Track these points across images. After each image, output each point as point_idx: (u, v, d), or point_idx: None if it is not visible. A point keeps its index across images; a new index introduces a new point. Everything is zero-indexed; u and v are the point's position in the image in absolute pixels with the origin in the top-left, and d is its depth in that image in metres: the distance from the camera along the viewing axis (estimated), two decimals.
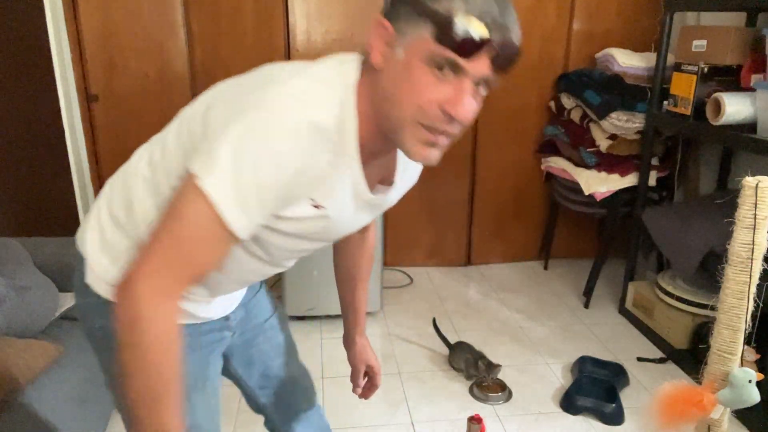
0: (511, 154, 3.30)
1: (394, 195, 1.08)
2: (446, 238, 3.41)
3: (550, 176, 3.26)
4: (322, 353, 2.55)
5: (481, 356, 2.36)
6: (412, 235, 3.38)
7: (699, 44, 2.41)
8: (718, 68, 2.31)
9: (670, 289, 2.53)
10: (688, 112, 2.38)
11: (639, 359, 2.52)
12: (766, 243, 1.21)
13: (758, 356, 2.06)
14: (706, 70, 2.31)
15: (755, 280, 1.24)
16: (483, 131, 3.23)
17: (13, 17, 2.75)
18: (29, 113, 2.77)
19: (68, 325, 1.86)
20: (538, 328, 2.78)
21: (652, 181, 2.79)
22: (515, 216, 3.43)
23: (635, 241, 2.83)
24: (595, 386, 2.25)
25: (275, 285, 3.17)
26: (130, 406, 0.84)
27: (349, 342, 1.43)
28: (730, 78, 2.32)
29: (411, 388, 2.32)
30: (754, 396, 1.26)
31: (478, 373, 2.31)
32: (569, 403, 2.20)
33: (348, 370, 2.42)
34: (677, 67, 2.44)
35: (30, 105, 2.75)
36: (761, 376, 1.27)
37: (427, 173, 3.57)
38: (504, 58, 0.82)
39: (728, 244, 1.24)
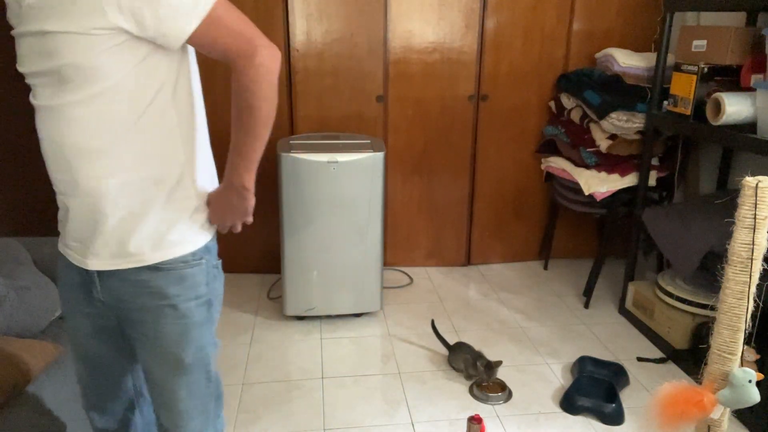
0: (511, 154, 3.30)
1: None
2: (446, 238, 3.41)
3: (550, 176, 3.26)
4: (322, 353, 2.55)
5: (479, 356, 2.36)
6: (412, 235, 3.38)
7: (699, 44, 2.41)
8: (718, 68, 2.31)
9: (670, 289, 2.53)
10: (688, 112, 2.38)
11: (639, 359, 2.52)
12: (766, 243, 1.21)
13: (758, 356, 2.06)
14: (706, 70, 2.31)
15: (755, 280, 1.24)
16: (483, 131, 3.23)
17: None
18: (29, 112, 2.77)
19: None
20: (538, 328, 2.78)
21: (652, 181, 2.79)
22: (515, 216, 3.43)
23: (635, 241, 2.83)
24: (595, 386, 2.25)
25: (275, 285, 3.18)
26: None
27: None
28: (730, 78, 2.32)
29: (411, 388, 2.33)
30: (754, 396, 1.26)
31: (477, 373, 2.31)
32: (569, 403, 2.20)
33: (348, 370, 2.43)
34: (677, 67, 2.44)
35: (30, 104, 2.75)
36: (761, 376, 1.27)
37: (428, 173, 3.57)
38: None
39: (728, 244, 1.25)
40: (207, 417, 1.34)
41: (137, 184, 1.14)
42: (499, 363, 2.31)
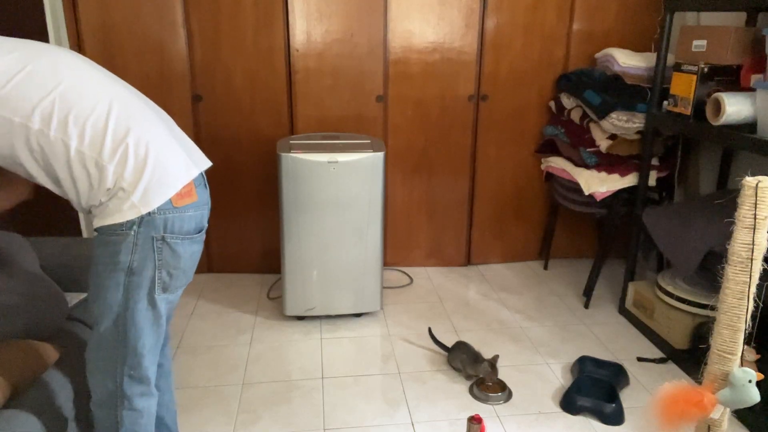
0: (511, 154, 3.30)
1: None
2: (446, 238, 3.41)
3: (550, 176, 3.26)
4: (322, 353, 2.55)
5: (477, 356, 2.36)
6: (412, 235, 3.38)
7: (699, 44, 2.41)
8: (718, 68, 2.32)
9: (670, 289, 2.53)
10: (688, 112, 2.38)
11: (639, 359, 2.53)
12: (766, 243, 1.21)
13: (758, 356, 2.06)
14: (706, 70, 2.31)
15: (755, 280, 1.24)
16: (483, 131, 3.23)
17: (12, 17, 2.75)
18: None
19: (69, 325, 1.85)
20: (538, 328, 2.78)
21: (652, 181, 2.79)
22: (515, 216, 3.43)
23: (635, 241, 2.83)
24: (595, 386, 2.25)
25: (275, 285, 3.18)
26: None
27: None
28: (730, 78, 2.32)
29: (411, 388, 2.33)
30: (754, 396, 1.26)
31: (476, 372, 2.31)
32: (569, 403, 2.20)
33: (348, 370, 2.43)
34: (677, 67, 2.44)
35: None
36: (761, 376, 1.27)
37: (428, 173, 3.57)
38: None
39: (728, 244, 1.25)
40: (110, 373, 1.45)
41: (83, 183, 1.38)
42: (496, 357, 2.32)
